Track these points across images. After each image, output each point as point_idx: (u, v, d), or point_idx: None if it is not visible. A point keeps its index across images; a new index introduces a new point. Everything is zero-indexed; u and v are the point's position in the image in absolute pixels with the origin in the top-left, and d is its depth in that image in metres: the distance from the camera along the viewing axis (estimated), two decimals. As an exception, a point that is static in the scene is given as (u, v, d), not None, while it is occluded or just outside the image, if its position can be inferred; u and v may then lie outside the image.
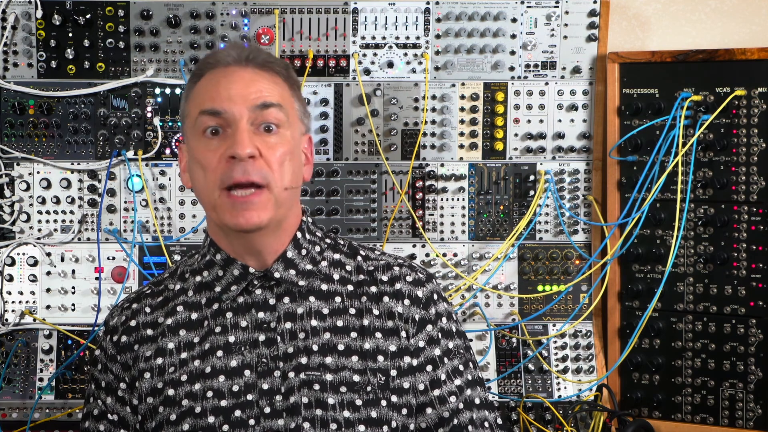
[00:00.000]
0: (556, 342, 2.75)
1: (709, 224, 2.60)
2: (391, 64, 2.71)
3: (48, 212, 2.69)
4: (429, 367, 1.90)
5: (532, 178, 2.75)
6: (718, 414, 2.61)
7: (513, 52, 2.72)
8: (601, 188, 2.75)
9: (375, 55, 2.71)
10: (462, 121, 2.74)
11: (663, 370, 2.67)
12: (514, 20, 2.71)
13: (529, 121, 2.75)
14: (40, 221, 2.69)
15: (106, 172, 2.68)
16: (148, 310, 1.95)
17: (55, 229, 2.69)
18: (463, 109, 2.74)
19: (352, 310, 1.91)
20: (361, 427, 1.83)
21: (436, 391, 1.90)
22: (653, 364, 2.67)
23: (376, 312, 1.91)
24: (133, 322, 1.94)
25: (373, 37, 2.71)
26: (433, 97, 2.73)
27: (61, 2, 2.64)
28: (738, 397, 2.58)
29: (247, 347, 1.87)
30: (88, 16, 2.65)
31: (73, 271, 2.70)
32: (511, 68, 2.73)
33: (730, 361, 2.58)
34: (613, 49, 2.73)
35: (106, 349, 1.95)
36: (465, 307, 2.75)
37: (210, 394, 1.84)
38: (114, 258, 2.70)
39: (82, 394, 2.63)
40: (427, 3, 2.70)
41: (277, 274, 1.89)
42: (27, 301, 2.69)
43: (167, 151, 2.70)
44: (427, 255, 2.75)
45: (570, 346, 2.75)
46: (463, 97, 2.73)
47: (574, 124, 2.75)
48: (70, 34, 2.66)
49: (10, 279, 2.69)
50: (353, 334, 1.88)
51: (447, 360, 1.92)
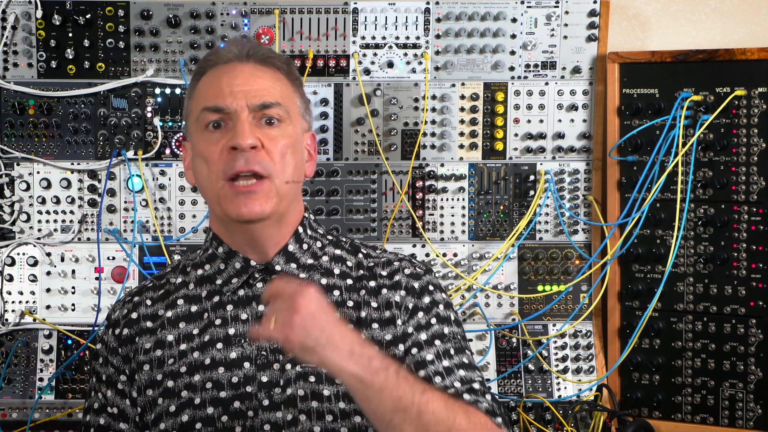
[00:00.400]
0: (556, 342, 2.75)
1: (709, 224, 2.60)
2: (391, 64, 2.71)
3: (48, 212, 2.69)
4: (414, 350, 1.87)
5: (532, 178, 2.75)
6: (718, 414, 2.60)
7: (513, 52, 2.72)
8: (601, 188, 2.75)
9: (375, 55, 2.71)
10: (462, 121, 2.74)
11: (663, 370, 2.66)
12: (514, 20, 2.71)
13: (529, 121, 2.75)
14: (40, 221, 2.69)
15: (106, 172, 2.68)
16: (149, 302, 1.96)
17: (55, 229, 2.69)
18: (463, 109, 2.74)
19: (350, 303, 1.91)
20: (357, 418, 1.83)
21: (421, 372, 1.84)
22: (653, 364, 2.66)
23: (375, 304, 1.91)
24: (134, 315, 1.95)
25: (373, 37, 2.71)
26: (433, 97, 2.73)
27: (61, 2, 2.64)
28: (738, 397, 2.58)
29: (247, 339, 1.87)
30: (88, 16, 2.65)
31: (73, 271, 2.70)
32: (511, 68, 2.73)
33: (730, 361, 2.58)
34: (613, 49, 2.73)
35: (108, 343, 1.95)
36: (465, 307, 2.75)
37: (209, 385, 1.85)
38: (114, 258, 2.70)
39: (82, 394, 2.63)
40: (427, 3, 2.70)
41: (278, 267, 1.90)
42: (27, 301, 2.69)
43: (167, 151, 2.70)
44: (427, 255, 2.75)
45: (570, 346, 2.75)
46: (463, 97, 2.73)
47: (574, 124, 2.75)
48: (70, 34, 2.66)
49: (10, 279, 2.69)
50: (350, 327, 1.88)
51: (439, 342, 1.87)
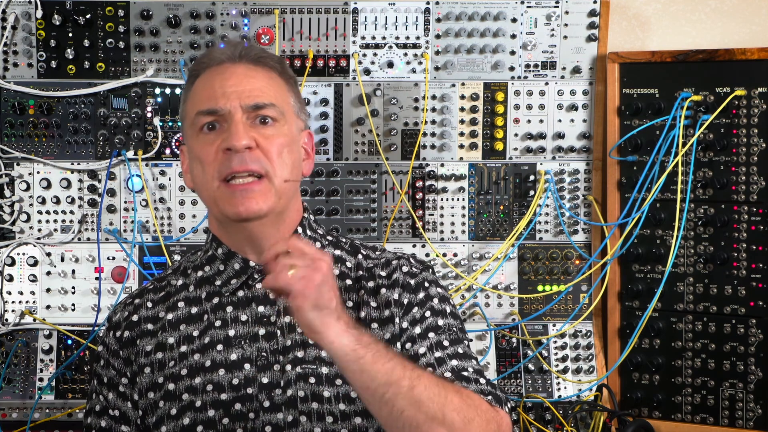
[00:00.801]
0: (556, 342, 2.75)
1: (709, 224, 2.60)
2: (391, 64, 2.71)
3: (48, 212, 2.69)
4: (408, 344, 1.86)
5: (532, 178, 2.75)
6: (718, 414, 2.60)
7: (513, 52, 2.72)
8: (601, 188, 2.75)
9: (375, 55, 2.71)
10: (462, 121, 2.74)
11: (663, 370, 2.67)
12: (514, 20, 2.71)
13: (529, 121, 2.75)
14: (40, 221, 2.69)
15: (106, 172, 2.68)
16: (149, 305, 1.96)
17: (55, 229, 2.69)
18: (463, 109, 2.74)
19: (350, 303, 1.91)
20: (357, 420, 1.83)
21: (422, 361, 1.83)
22: (653, 364, 2.66)
23: (374, 304, 1.91)
24: (135, 317, 1.95)
25: (373, 37, 2.71)
26: (433, 97, 2.73)
27: (61, 2, 2.64)
28: (738, 397, 2.58)
29: (247, 341, 1.87)
30: (88, 16, 2.65)
31: (73, 271, 2.70)
32: (511, 68, 2.73)
33: (730, 361, 2.58)
34: (613, 49, 2.73)
35: (109, 345, 1.95)
36: (465, 307, 2.75)
37: (210, 387, 1.85)
38: (114, 258, 2.70)
39: (83, 394, 2.63)
40: (427, 3, 2.70)
41: None
42: (27, 301, 2.69)
43: (167, 151, 2.70)
44: (427, 255, 2.75)
45: (570, 346, 2.75)
46: (463, 97, 2.73)
47: (574, 124, 2.75)
48: (70, 34, 2.66)
49: (10, 279, 2.69)
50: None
51: (433, 334, 1.87)
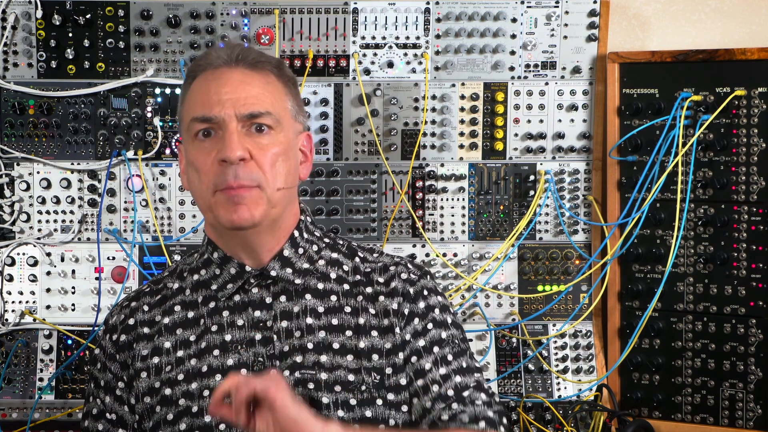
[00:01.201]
0: (556, 342, 2.75)
1: (709, 224, 2.60)
2: (391, 64, 2.71)
3: (48, 212, 2.69)
4: (413, 358, 1.88)
5: (532, 178, 2.75)
6: (718, 414, 2.60)
7: (513, 52, 2.72)
8: (601, 188, 2.75)
9: (375, 55, 2.71)
10: (462, 121, 2.74)
11: (663, 370, 2.67)
12: (514, 20, 2.71)
13: (529, 121, 2.75)
14: (40, 221, 2.69)
15: (106, 172, 2.69)
16: (146, 308, 1.95)
17: (55, 229, 2.69)
18: (463, 109, 2.74)
19: (348, 309, 1.90)
20: (356, 427, 1.82)
21: (420, 381, 1.87)
22: (653, 364, 2.66)
23: (372, 311, 1.91)
24: (132, 321, 1.94)
25: (373, 37, 2.71)
26: (433, 97, 2.73)
27: (61, 2, 2.64)
28: (738, 397, 2.58)
29: (243, 346, 1.86)
30: (88, 16, 2.65)
31: (73, 271, 2.70)
32: (511, 68, 2.73)
33: (730, 361, 2.58)
34: (613, 49, 2.73)
35: (106, 348, 1.95)
36: (465, 307, 2.75)
37: (207, 393, 1.84)
38: (114, 258, 2.70)
39: (82, 394, 2.63)
40: (427, 3, 2.70)
41: (274, 273, 1.89)
42: (27, 301, 2.69)
43: (167, 151, 2.70)
44: (427, 255, 2.75)
45: (570, 346, 2.75)
46: (463, 97, 2.73)
47: (574, 124, 2.75)
48: (70, 34, 2.66)
49: (10, 279, 2.69)
50: (348, 333, 1.88)
51: (437, 349, 1.89)
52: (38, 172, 2.69)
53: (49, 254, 2.69)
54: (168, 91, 2.68)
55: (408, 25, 2.71)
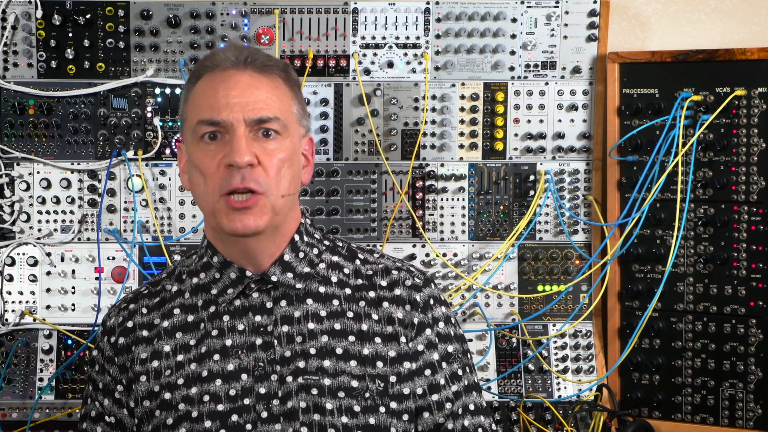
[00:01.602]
0: (556, 342, 2.75)
1: (709, 224, 2.60)
2: (391, 64, 2.71)
3: (48, 212, 2.69)
4: (428, 371, 1.90)
5: (532, 178, 2.75)
6: (718, 414, 2.60)
7: (513, 52, 2.72)
8: (601, 188, 2.75)
9: (375, 55, 2.71)
10: (462, 121, 2.74)
11: (663, 370, 2.67)
12: (514, 20, 2.71)
13: (529, 121, 2.75)
14: (40, 221, 2.69)
15: (106, 172, 2.69)
16: (144, 311, 1.94)
17: (55, 229, 2.69)
18: (463, 109, 2.74)
19: (350, 314, 1.90)
20: None
21: (435, 396, 1.89)
22: (653, 364, 2.66)
23: (375, 317, 1.90)
24: (130, 323, 1.93)
25: (373, 37, 2.71)
26: (433, 97, 2.73)
27: (61, 2, 2.64)
28: (738, 397, 2.58)
29: (244, 351, 1.86)
30: (88, 16, 2.65)
31: (73, 271, 2.70)
32: (511, 68, 2.73)
33: (730, 361, 2.58)
34: (613, 49, 2.73)
35: (104, 351, 1.94)
36: (465, 307, 2.75)
37: (207, 398, 1.84)
38: (114, 258, 2.70)
39: (82, 394, 2.62)
40: (427, 3, 2.70)
41: (274, 278, 1.88)
42: (27, 301, 2.69)
43: (167, 151, 2.70)
44: (427, 255, 2.75)
45: (570, 346, 2.75)
46: (463, 97, 2.73)
47: (574, 124, 2.75)
48: (70, 34, 2.66)
49: (10, 279, 2.69)
50: (351, 338, 1.88)
51: (446, 364, 1.91)
52: (38, 172, 2.69)
53: (49, 254, 2.69)
54: (168, 91, 2.68)
55: (408, 25, 2.71)
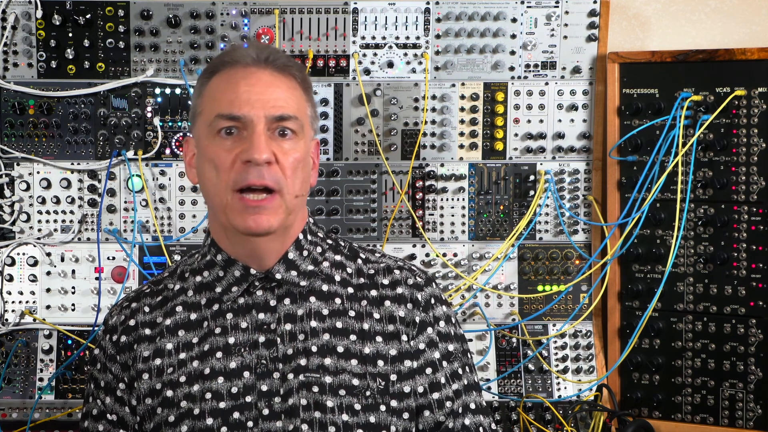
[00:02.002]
0: (556, 342, 2.75)
1: (709, 224, 2.60)
2: (391, 64, 2.71)
3: (48, 212, 2.69)
4: (428, 370, 1.90)
5: (532, 178, 2.75)
6: (718, 414, 2.61)
7: (513, 52, 2.72)
8: (601, 188, 2.75)
9: (375, 55, 2.71)
10: (462, 121, 2.74)
11: (663, 370, 2.67)
12: (514, 20, 2.71)
13: (529, 121, 2.75)
14: (40, 221, 2.69)
15: (106, 172, 2.68)
16: (147, 309, 1.94)
17: (55, 229, 2.69)
18: (463, 109, 2.74)
19: (352, 313, 1.90)
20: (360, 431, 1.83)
21: (435, 395, 1.90)
22: (653, 364, 2.67)
23: (377, 316, 1.91)
24: (132, 322, 1.93)
25: (373, 37, 2.71)
26: (433, 97, 2.73)
27: (61, 2, 2.64)
28: (738, 397, 2.58)
29: (246, 348, 1.86)
30: (88, 16, 2.65)
31: (73, 271, 2.70)
32: (511, 68, 2.73)
33: (730, 361, 2.58)
34: (613, 49, 2.73)
35: (106, 349, 1.94)
36: (465, 307, 2.75)
37: (209, 395, 1.84)
38: (114, 258, 2.70)
39: (82, 394, 2.63)
40: (427, 3, 2.70)
41: (279, 276, 1.88)
42: (27, 301, 2.69)
43: (167, 151, 2.70)
44: (427, 255, 2.74)
45: (570, 346, 2.75)
46: (463, 97, 2.73)
47: (574, 124, 2.75)
48: (70, 34, 2.66)
49: (10, 279, 2.69)
50: (353, 337, 1.88)
51: (446, 363, 1.92)
52: (38, 172, 2.69)
53: (49, 254, 2.69)
54: (168, 91, 2.68)
55: (408, 25, 2.71)
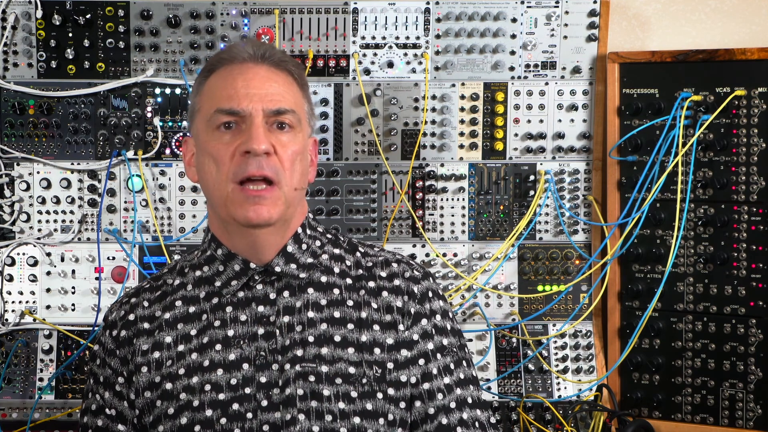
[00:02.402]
0: (556, 342, 2.75)
1: (709, 224, 2.60)
2: (391, 64, 2.71)
3: (48, 212, 2.69)
4: (421, 360, 1.91)
5: (532, 178, 2.75)
6: (718, 414, 2.60)
7: (513, 52, 2.72)
8: (601, 188, 2.75)
9: (375, 55, 2.71)
10: (462, 121, 2.74)
11: (663, 370, 2.67)
12: (514, 20, 2.71)
13: (529, 121, 2.75)
14: (40, 221, 2.69)
15: (106, 172, 2.69)
16: (146, 304, 1.96)
17: (55, 229, 2.69)
18: (463, 109, 2.74)
19: (350, 302, 1.92)
20: (356, 419, 1.84)
21: (426, 385, 1.91)
22: (653, 364, 2.66)
23: (375, 305, 1.92)
24: (132, 316, 1.95)
25: (373, 37, 2.71)
26: (433, 97, 2.73)
27: (61, 2, 2.64)
28: (738, 397, 2.58)
29: (246, 341, 1.87)
30: (88, 16, 2.65)
31: (73, 271, 2.70)
32: (511, 68, 2.73)
33: (730, 361, 2.58)
34: (613, 49, 2.73)
35: (105, 344, 1.96)
36: (465, 307, 2.75)
37: (208, 387, 1.85)
38: (114, 258, 2.70)
39: (82, 394, 2.62)
40: (427, 3, 2.70)
41: (278, 269, 1.90)
42: (27, 301, 2.69)
43: (167, 151, 2.70)
44: (427, 255, 2.75)
45: (570, 346, 2.75)
46: (463, 97, 2.73)
47: (574, 124, 2.75)
48: (70, 34, 2.66)
49: (10, 279, 2.69)
50: (350, 326, 1.90)
51: (440, 356, 1.93)
52: (38, 172, 2.69)
53: (49, 254, 2.69)
54: (168, 91, 2.68)
55: (408, 25, 2.71)
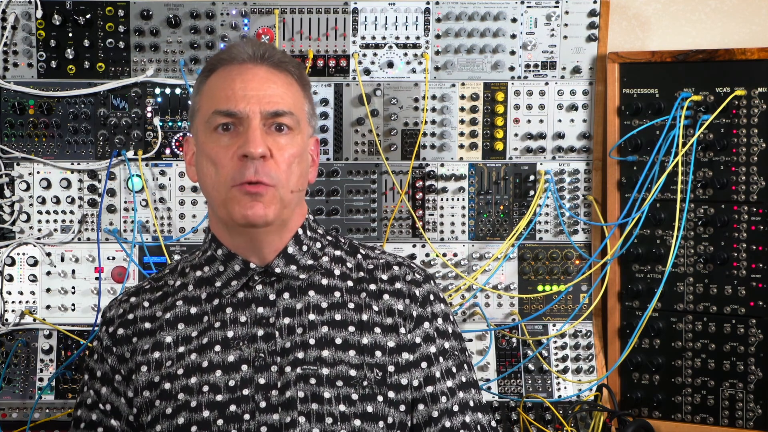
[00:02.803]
0: (556, 342, 2.75)
1: (709, 224, 2.60)
2: (391, 64, 2.71)
3: (48, 212, 2.69)
4: (424, 364, 1.91)
5: (532, 178, 2.75)
6: (718, 414, 2.60)
7: (513, 52, 2.72)
8: (601, 188, 2.75)
9: (375, 55, 2.71)
10: (462, 121, 2.74)
11: (663, 370, 2.67)
12: (514, 20, 2.71)
13: (529, 121, 2.75)
14: (40, 221, 2.69)
15: (106, 172, 2.69)
16: (146, 304, 1.96)
17: (55, 229, 2.69)
18: (463, 109, 2.74)
19: (351, 305, 1.92)
20: (357, 422, 1.84)
21: (429, 388, 1.91)
22: (653, 364, 2.66)
23: (376, 308, 1.92)
24: (131, 316, 1.95)
25: (373, 37, 2.71)
26: (433, 97, 2.73)
27: (61, 2, 2.64)
28: (738, 397, 2.58)
29: (245, 342, 1.87)
30: (88, 16, 2.65)
31: (73, 271, 2.70)
32: (511, 68, 2.73)
33: (730, 361, 2.58)
34: (613, 49, 2.73)
35: (102, 340, 1.96)
36: (465, 307, 2.75)
37: (206, 388, 1.85)
38: (114, 258, 2.70)
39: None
40: (427, 3, 2.70)
41: (278, 270, 1.90)
42: (27, 301, 2.69)
43: (167, 151, 2.70)
44: (427, 255, 2.75)
45: (570, 346, 2.75)
46: (463, 97, 2.73)
47: (574, 124, 2.75)
48: (70, 34, 2.66)
49: (10, 279, 2.69)
50: (351, 329, 1.90)
51: (442, 359, 1.93)
52: (38, 172, 2.69)
53: (49, 254, 2.69)
54: (168, 91, 2.68)
55: (408, 25, 2.71)
